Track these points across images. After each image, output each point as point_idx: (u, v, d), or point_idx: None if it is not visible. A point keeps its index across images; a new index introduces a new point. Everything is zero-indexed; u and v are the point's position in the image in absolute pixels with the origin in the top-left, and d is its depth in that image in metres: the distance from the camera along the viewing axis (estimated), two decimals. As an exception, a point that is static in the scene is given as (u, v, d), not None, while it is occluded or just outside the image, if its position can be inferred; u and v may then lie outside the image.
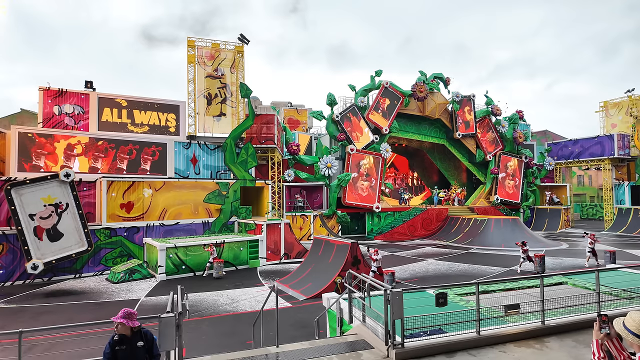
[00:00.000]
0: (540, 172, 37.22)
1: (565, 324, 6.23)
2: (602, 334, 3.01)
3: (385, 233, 27.69)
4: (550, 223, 33.59)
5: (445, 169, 36.70)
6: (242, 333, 9.54)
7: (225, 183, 22.41)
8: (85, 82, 22.11)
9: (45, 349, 8.25)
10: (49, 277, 16.54)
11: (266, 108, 32.83)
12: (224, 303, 12.56)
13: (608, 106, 38.70)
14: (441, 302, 5.61)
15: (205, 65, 25.11)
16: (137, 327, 4.28)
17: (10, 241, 16.15)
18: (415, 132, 32.68)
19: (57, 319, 10.91)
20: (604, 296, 6.99)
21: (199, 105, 24.84)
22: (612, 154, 33.96)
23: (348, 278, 7.08)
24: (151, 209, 19.81)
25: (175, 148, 22.41)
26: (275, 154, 25.51)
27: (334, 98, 28.48)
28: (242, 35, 25.79)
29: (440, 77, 32.68)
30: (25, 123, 31.00)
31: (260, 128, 24.30)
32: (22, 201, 15.80)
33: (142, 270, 16.62)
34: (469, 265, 18.27)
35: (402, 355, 5.27)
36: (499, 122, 35.36)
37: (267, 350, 5.86)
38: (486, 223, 25.34)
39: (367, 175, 28.72)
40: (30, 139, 18.65)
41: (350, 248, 13.54)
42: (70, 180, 16.84)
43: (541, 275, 6.69)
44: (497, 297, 7.47)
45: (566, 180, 48.39)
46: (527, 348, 5.58)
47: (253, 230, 20.30)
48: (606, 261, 16.63)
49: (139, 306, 12.31)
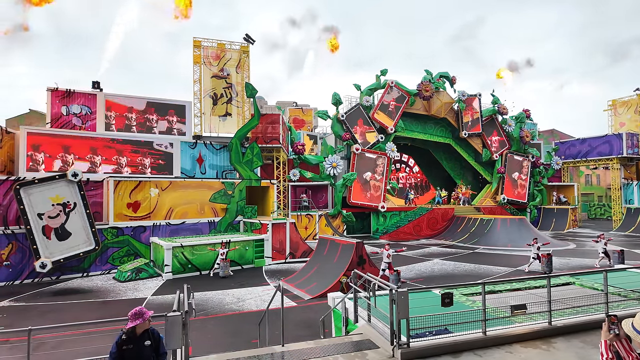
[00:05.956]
0: (547, 171, 36.86)
1: (572, 325, 6.18)
2: (610, 334, 2.99)
3: (391, 233, 27.62)
4: (557, 223, 33.27)
5: (451, 169, 36.52)
6: (248, 332, 9.57)
7: (230, 183, 22.49)
8: (93, 82, 22.29)
9: (53, 347, 8.34)
10: (57, 275, 16.71)
11: (271, 108, 32.91)
12: (229, 302, 12.61)
13: (616, 105, 38.25)
14: (447, 302, 5.60)
15: (211, 66, 25.21)
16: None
17: (19, 240, 16.34)
18: (421, 132, 32.54)
19: (64, 317, 11.01)
20: (612, 297, 6.92)
21: (205, 105, 24.95)
22: (621, 153, 33.53)
23: (353, 277, 7.07)
24: (158, 208, 19.93)
25: (181, 148, 22.53)
26: (280, 154, 25.55)
27: (339, 97, 28.46)
28: (248, 35, 25.85)
29: (446, 76, 32.49)
30: (34, 123, 31.32)
31: (265, 128, 24.35)
32: (30, 201, 15.97)
33: (148, 270, 16.73)
34: (475, 265, 18.16)
35: (407, 355, 5.26)
36: (506, 121, 35.09)
37: (273, 349, 5.87)
38: (492, 223, 25.17)
39: (377, 175, 28.65)
40: (39, 139, 18.84)
41: (356, 248, 13.52)
42: (77, 180, 17.00)
43: (548, 276, 6.65)
44: (504, 297, 7.43)
45: (574, 179, 47.89)
46: (533, 349, 5.54)
47: (258, 230, 20.35)
48: (615, 261, 16.47)
49: (145, 305, 12.39)
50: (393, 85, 29.69)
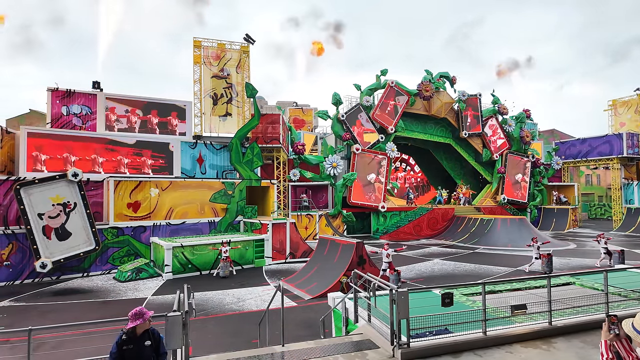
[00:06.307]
0: (547, 171, 36.85)
1: (572, 325, 6.18)
2: (611, 334, 2.98)
3: (391, 233, 27.62)
4: (557, 223, 33.26)
5: (452, 169, 36.50)
6: (248, 332, 9.57)
7: (231, 183, 22.49)
8: (93, 82, 22.30)
9: (53, 347, 8.34)
10: (57, 275, 16.72)
11: (272, 108, 32.92)
12: (229, 302, 12.61)
13: (617, 105, 38.24)
14: (447, 302, 5.59)
15: (211, 66, 25.21)
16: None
17: (19, 240, 16.35)
18: (421, 132, 32.53)
19: (64, 317, 11.02)
20: (613, 297, 6.92)
21: (205, 106, 24.95)
22: (621, 153, 33.52)
23: (353, 277, 7.07)
24: (158, 208, 19.94)
25: (181, 148, 22.53)
26: (280, 154, 25.55)
27: (339, 97, 28.45)
28: (248, 35, 25.86)
29: (447, 76, 32.48)
30: (34, 123, 31.31)
31: (265, 128, 24.35)
32: (31, 201, 15.98)
33: (148, 269, 16.73)
34: (475, 265, 18.16)
35: (407, 355, 5.26)
36: (506, 121, 35.07)
37: (273, 349, 5.88)
38: (493, 223, 25.17)
39: (377, 175, 28.65)
40: (39, 139, 18.84)
41: (356, 248, 13.52)
42: (78, 180, 17.00)
43: (548, 276, 6.64)
44: (504, 297, 7.42)
45: (574, 179, 47.87)
46: (533, 349, 5.54)
47: (259, 230, 20.35)
48: (615, 261, 16.47)
49: (145, 305, 12.39)
50: (393, 85, 29.69)
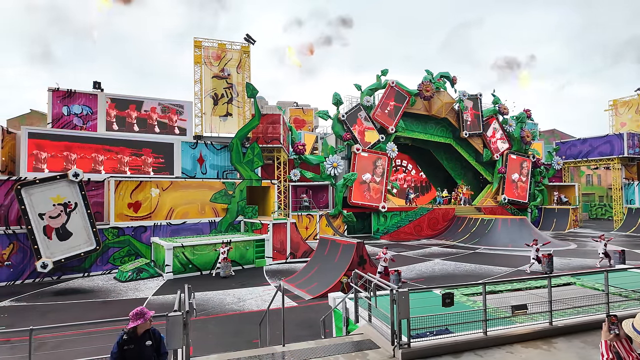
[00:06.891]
0: (548, 171, 36.83)
1: (573, 325, 6.17)
2: (611, 334, 2.99)
3: (392, 233, 27.61)
4: (558, 223, 33.23)
5: (452, 169, 36.49)
6: (249, 332, 9.58)
7: (231, 183, 22.50)
8: (94, 82, 22.33)
9: (54, 347, 8.35)
10: (58, 275, 16.74)
11: (272, 108, 32.92)
12: (230, 302, 12.62)
13: (617, 105, 38.21)
14: (448, 302, 5.59)
15: (212, 66, 25.23)
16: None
17: (20, 240, 16.37)
18: (422, 132, 32.52)
19: (65, 317, 11.03)
20: (613, 297, 6.92)
21: (206, 106, 24.97)
22: (622, 153, 33.49)
23: (354, 278, 7.07)
24: (158, 208, 19.95)
25: (182, 148, 22.55)
26: (281, 154, 25.56)
27: (340, 97, 28.44)
28: (248, 35, 25.87)
29: (447, 76, 32.46)
30: (35, 123, 31.35)
31: (266, 128, 24.36)
32: (31, 201, 16.00)
33: (149, 269, 16.75)
34: (475, 265, 18.15)
35: (408, 355, 5.26)
36: (506, 121, 35.06)
37: (274, 349, 5.88)
38: (493, 223, 25.15)
39: (377, 175, 28.65)
40: (40, 140, 18.86)
41: (356, 248, 13.52)
42: (78, 180, 17.02)
43: (549, 276, 6.64)
44: (504, 297, 7.42)
45: (574, 179, 47.81)
46: (534, 349, 5.54)
47: (259, 230, 20.36)
48: (615, 261, 16.45)
49: (146, 305, 12.39)
50: (394, 85, 29.68)
